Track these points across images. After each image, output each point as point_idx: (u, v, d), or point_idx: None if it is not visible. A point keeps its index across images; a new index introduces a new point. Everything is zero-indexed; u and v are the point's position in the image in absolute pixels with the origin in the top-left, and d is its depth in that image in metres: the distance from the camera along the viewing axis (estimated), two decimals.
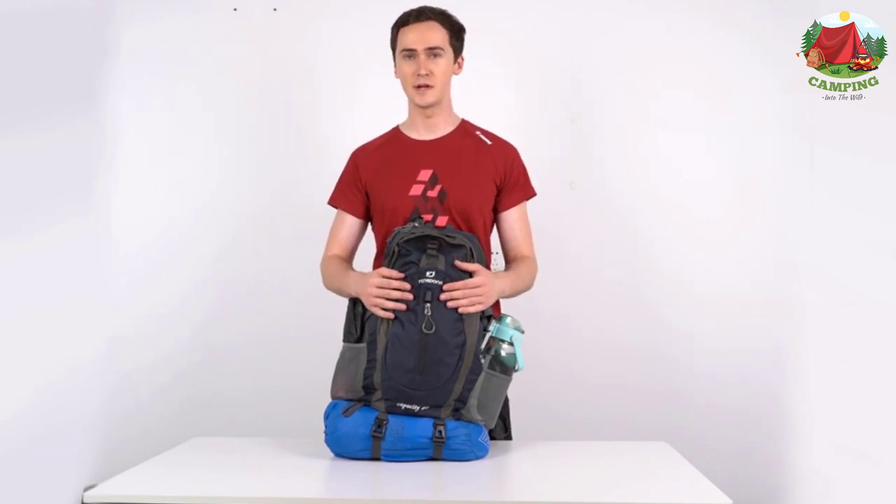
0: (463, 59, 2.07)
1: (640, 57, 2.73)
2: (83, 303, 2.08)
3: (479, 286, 1.83)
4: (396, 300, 1.82)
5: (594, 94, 2.77)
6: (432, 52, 1.98)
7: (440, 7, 2.03)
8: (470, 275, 1.85)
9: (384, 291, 1.82)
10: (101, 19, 2.44)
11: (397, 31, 2.03)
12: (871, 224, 2.09)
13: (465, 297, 1.82)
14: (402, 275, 1.83)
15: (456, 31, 2.04)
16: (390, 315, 1.82)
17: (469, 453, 1.83)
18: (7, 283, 1.72)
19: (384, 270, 1.84)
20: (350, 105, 2.75)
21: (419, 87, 1.99)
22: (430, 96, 2.00)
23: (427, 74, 1.98)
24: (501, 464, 1.86)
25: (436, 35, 1.99)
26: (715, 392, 2.69)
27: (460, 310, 1.82)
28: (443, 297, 1.82)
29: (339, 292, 1.98)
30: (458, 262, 1.85)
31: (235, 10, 2.76)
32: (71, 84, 2.06)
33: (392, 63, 2.07)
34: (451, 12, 2.04)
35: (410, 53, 1.99)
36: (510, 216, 2.07)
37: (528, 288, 2.05)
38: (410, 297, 1.82)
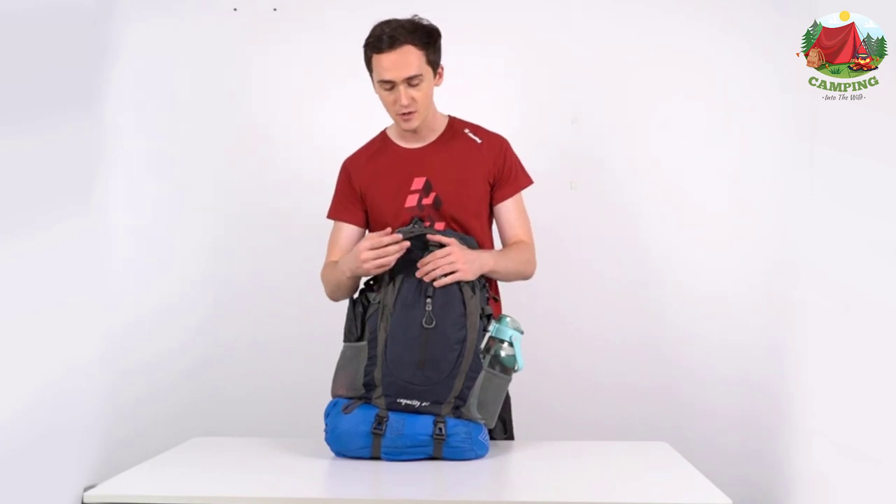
0: (443, 69, 1.99)
1: (640, 57, 2.73)
2: (83, 303, 2.08)
3: (448, 254, 1.83)
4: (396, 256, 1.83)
5: (594, 95, 2.77)
6: (411, 81, 1.90)
7: (407, 19, 1.91)
8: None
9: (381, 252, 1.82)
10: (101, 19, 2.44)
11: (371, 56, 1.92)
12: (871, 224, 2.09)
13: (436, 266, 1.82)
14: (388, 230, 1.83)
15: (431, 45, 1.92)
16: (389, 263, 1.82)
17: (469, 451, 1.83)
18: (7, 283, 1.72)
19: (370, 236, 1.84)
20: (350, 105, 2.75)
21: (401, 114, 1.95)
22: (414, 121, 1.96)
23: (408, 103, 1.91)
24: (501, 464, 1.86)
25: (412, 61, 1.88)
26: (715, 392, 2.69)
27: (436, 283, 1.81)
28: (417, 274, 1.82)
29: (338, 286, 1.96)
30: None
31: (235, 10, 2.76)
32: (70, 84, 2.06)
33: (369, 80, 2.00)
34: (419, 19, 1.92)
35: (389, 86, 1.92)
36: (506, 207, 2.05)
37: (522, 270, 2.02)
38: (407, 244, 1.82)
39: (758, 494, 2.53)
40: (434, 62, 1.95)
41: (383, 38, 1.88)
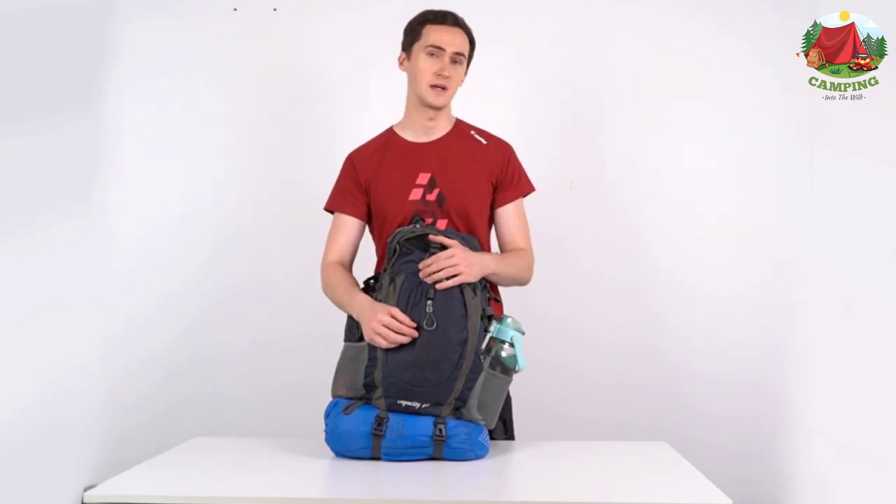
0: (467, 73, 2.09)
1: (640, 57, 2.73)
2: (83, 303, 2.08)
3: (451, 256, 1.83)
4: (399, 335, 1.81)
5: (594, 94, 2.77)
6: (457, 57, 2.00)
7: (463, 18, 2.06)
8: None
9: (388, 332, 1.80)
10: (101, 19, 2.44)
11: (424, 27, 2.02)
12: (871, 224, 2.09)
13: (440, 267, 1.82)
14: (413, 324, 1.81)
15: (472, 45, 2.07)
16: (386, 345, 1.81)
17: (469, 452, 1.83)
18: (7, 283, 1.72)
19: (396, 312, 1.82)
20: (350, 105, 2.76)
21: (435, 86, 1.99)
22: (444, 98, 2.01)
23: (448, 77, 1.99)
24: (501, 464, 1.86)
25: (463, 42, 2.02)
26: (715, 392, 2.69)
27: (438, 285, 1.81)
28: (420, 274, 1.82)
29: (339, 307, 1.97)
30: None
31: (235, 10, 2.76)
32: (71, 84, 2.06)
33: (398, 56, 2.06)
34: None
35: (437, 52, 1.99)
36: (506, 212, 2.06)
37: (520, 277, 2.03)
38: (416, 334, 1.81)
39: (758, 494, 2.53)
40: (469, 60, 2.07)
41: (447, 15, 2.03)
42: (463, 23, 2.04)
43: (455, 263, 1.83)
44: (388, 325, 1.80)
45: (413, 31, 2.04)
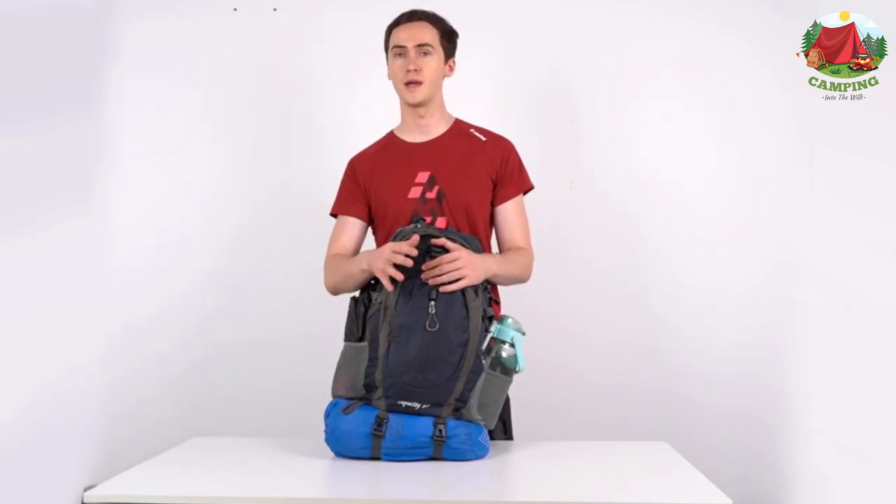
0: (454, 62, 2.09)
1: (640, 57, 2.73)
2: (83, 303, 2.08)
3: (456, 259, 1.83)
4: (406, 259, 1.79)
5: (594, 94, 2.77)
6: (422, 49, 2.00)
7: (433, 11, 2.06)
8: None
9: (392, 268, 1.79)
10: (101, 19, 2.44)
11: (389, 33, 2.06)
12: (871, 224, 2.09)
13: (443, 271, 1.81)
14: (415, 239, 1.80)
15: (447, 33, 2.06)
16: (399, 276, 1.79)
17: (469, 452, 1.83)
18: (7, 283, 1.72)
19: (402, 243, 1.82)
20: (350, 105, 2.76)
21: (409, 83, 2.00)
22: (419, 93, 2.01)
23: (416, 70, 1.99)
24: (501, 464, 1.86)
25: (426, 33, 2.02)
26: (715, 392, 2.69)
27: (442, 288, 1.81)
28: (423, 276, 1.82)
29: (346, 278, 1.96)
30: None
31: (235, 10, 2.76)
32: (70, 84, 2.06)
33: (385, 66, 2.09)
34: (442, 16, 2.06)
35: (401, 51, 2.01)
36: (506, 209, 2.07)
37: (521, 276, 2.03)
38: (415, 252, 1.79)
39: (758, 494, 2.53)
40: (447, 48, 2.06)
41: (403, 14, 2.06)
42: (426, 15, 2.04)
43: (459, 267, 1.82)
44: (392, 259, 1.79)
45: (384, 42, 2.08)
